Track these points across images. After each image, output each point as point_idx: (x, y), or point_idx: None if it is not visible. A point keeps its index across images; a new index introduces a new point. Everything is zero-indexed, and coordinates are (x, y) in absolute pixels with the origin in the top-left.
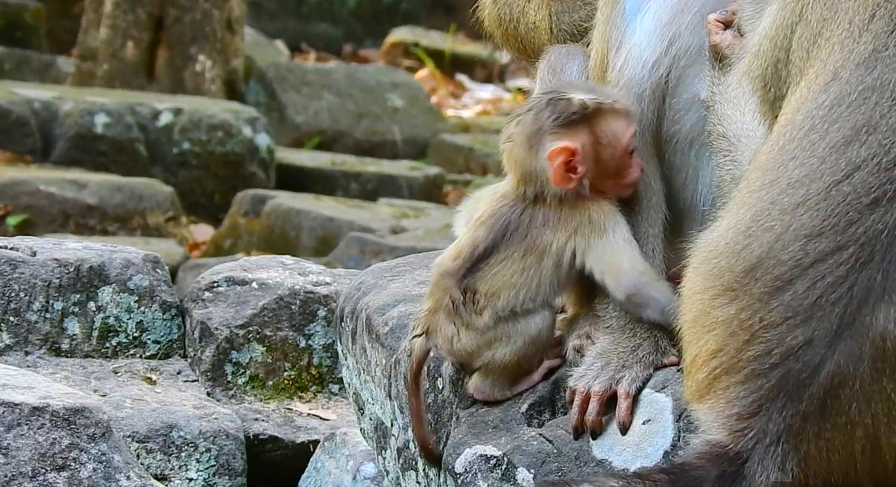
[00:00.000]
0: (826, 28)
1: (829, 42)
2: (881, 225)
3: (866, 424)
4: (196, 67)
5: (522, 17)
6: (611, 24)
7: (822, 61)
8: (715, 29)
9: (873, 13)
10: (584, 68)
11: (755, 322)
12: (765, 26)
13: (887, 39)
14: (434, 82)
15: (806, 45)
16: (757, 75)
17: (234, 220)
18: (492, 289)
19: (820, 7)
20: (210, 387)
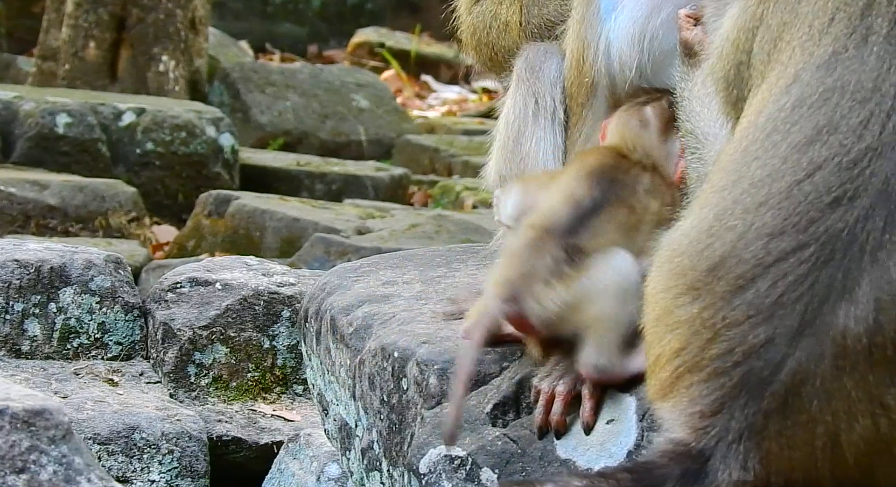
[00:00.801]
0: (786, 32)
1: (790, 45)
2: (842, 224)
3: (827, 421)
4: (159, 68)
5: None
6: (586, 23)
7: (783, 64)
8: (686, 24)
9: (832, 17)
10: (560, 67)
11: (718, 321)
12: (726, 28)
13: (846, 41)
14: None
15: (767, 48)
16: (720, 77)
17: (198, 220)
18: (596, 245)
19: (780, 11)
20: (173, 388)
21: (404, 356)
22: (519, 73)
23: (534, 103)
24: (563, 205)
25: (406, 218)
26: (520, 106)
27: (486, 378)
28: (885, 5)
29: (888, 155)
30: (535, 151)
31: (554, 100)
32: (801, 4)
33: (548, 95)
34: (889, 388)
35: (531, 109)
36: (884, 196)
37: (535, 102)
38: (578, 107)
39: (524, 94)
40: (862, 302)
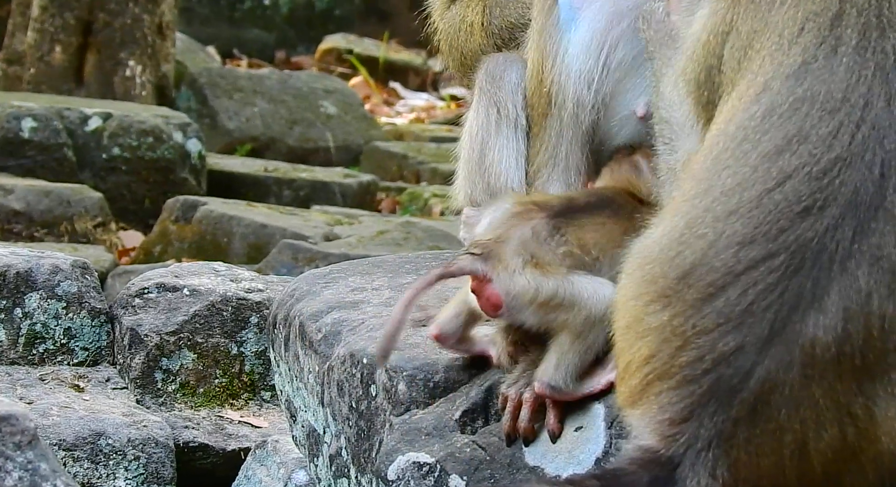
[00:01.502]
0: (756, 40)
1: (760, 54)
2: (811, 233)
3: (795, 429)
4: (126, 72)
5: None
6: (545, 33)
7: (753, 73)
8: (676, 5)
9: (802, 26)
10: (522, 76)
11: (688, 329)
12: (697, 29)
13: (816, 51)
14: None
15: (737, 55)
16: (691, 78)
17: (165, 226)
18: (583, 241)
19: (750, 19)
20: (139, 394)
21: (373, 362)
22: (480, 84)
23: (496, 113)
24: (557, 197)
25: (374, 225)
26: (482, 117)
27: (455, 385)
28: (854, 16)
29: (857, 165)
30: (499, 161)
31: (516, 107)
32: (771, 13)
33: (510, 103)
34: (857, 397)
35: (493, 119)
36: (853, 206)
37: (496, 111)
38: (540, 117)
39: (486, 104)
40: (831, 311)
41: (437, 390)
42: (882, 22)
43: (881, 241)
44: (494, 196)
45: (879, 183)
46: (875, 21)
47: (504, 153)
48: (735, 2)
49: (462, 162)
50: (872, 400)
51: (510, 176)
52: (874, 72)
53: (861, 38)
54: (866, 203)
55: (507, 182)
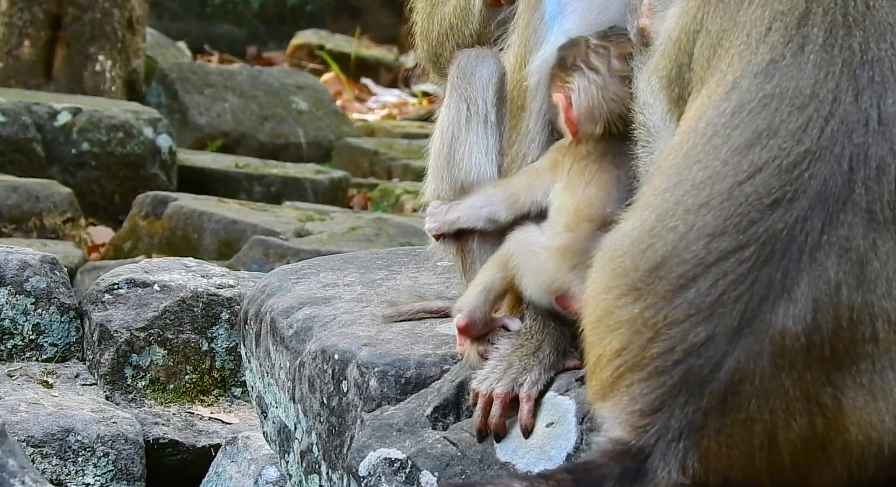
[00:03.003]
0: (725, 39)
1: (729, 53)
2: (781, 224)
3: (765, 419)
4: (95, 67)
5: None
6: (531, 28)
7: (722, 71)
8: (645, 12)
9: (769, 26)
10: (494, 71)
11: (659, 320)
12: (669, 27)
13: (784, 50)
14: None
15: (706, 54)
16: (663, 75)
17: (135, 222)
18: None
19: (720, 18)
20: (109, 391)
21: (345, 358)
22: (452, 80)
23: (466, 109)
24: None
25: (345, 221)
26: (453, 113)
27: (427, 381)
28: (820, 15)
29: (826, 158)
30: (468, 156)
31: (486, 103)
32: (739, 13)
33: (480, 99)
34: (825, 387)
35: (464, 115)
36: (822, 198)
37: (466, 107)
38: (518, 109)
39: (457, 100)
40: (800, 301)
41: (409, 386)
42: (848, 20)
43: (850, 233)
44: (462, 191)
45: (848, 176)
46: (841, 20)
47: (473, 149)
48: (705, 1)
49: (432, 157)
50: (841, 391)
51: (479, 171)
52: (842, 68)
53: (828, 37)
54: (835, 195)
55: (475, 177)
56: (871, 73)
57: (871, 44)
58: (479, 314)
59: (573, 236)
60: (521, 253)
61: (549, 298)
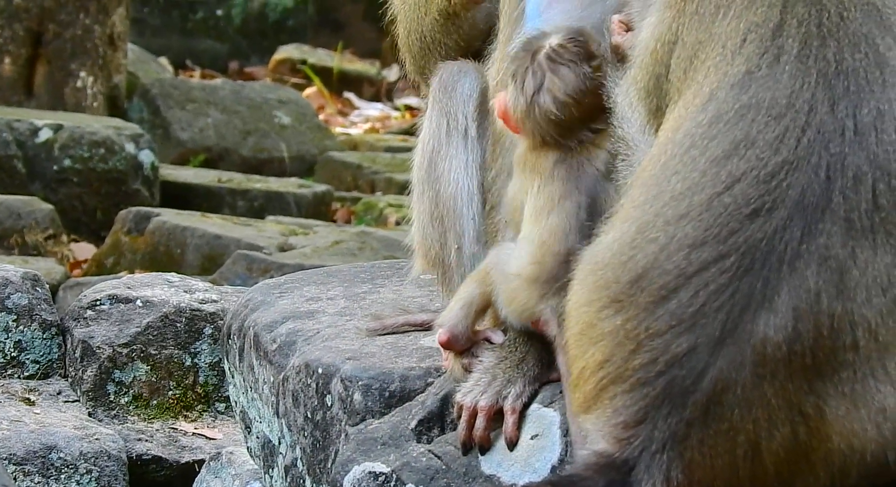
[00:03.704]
0: (701, 50)
1: (705, 64)
2: (761, 234)
3: (748, 429)
4: (77, 83)
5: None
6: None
7: (699, 83)
8: (618, 29)
9: (744, 37)
10: (475, 86)
11: (641, 332)
12: (646, 38)
13: (759, 61)
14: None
15: (683, 65)
16: (641, 87)
17: (117, 238)
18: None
19: (695, 30)
20: (91, 407)
21: (329, 372)
22: (434, 93)
23: (446, 123)
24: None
25: (329, 235)
26: (434, 127)
27: (411, 394)
28: (794, 27)
29: (804, 168)
30: (449, 170)
31: (466, 117)
32: (714, 25)
33: (460, 113)
34: (807, 396)
35: (444, 129)
36: (800, 208)
37: (447, 122)
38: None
39: (438, 114)
40: (781, 311)
41: (393, 399)
42: (822, 31)
43: (828, 242)
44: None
45: (825, 186)
46: (816, 31)
47: (453, 163)
48: (680, 12)
49: (414, 171)
50: (823, 399)
51: (459, 185)
52: (817, 79)
53: (802, 47)
54: (813, 205)
55: (455, 191)
56: (847, 83)
57: (846, 54)
58: (461, 328)
59: (539, 268)
60: (497, 274)
61: (524, 322)
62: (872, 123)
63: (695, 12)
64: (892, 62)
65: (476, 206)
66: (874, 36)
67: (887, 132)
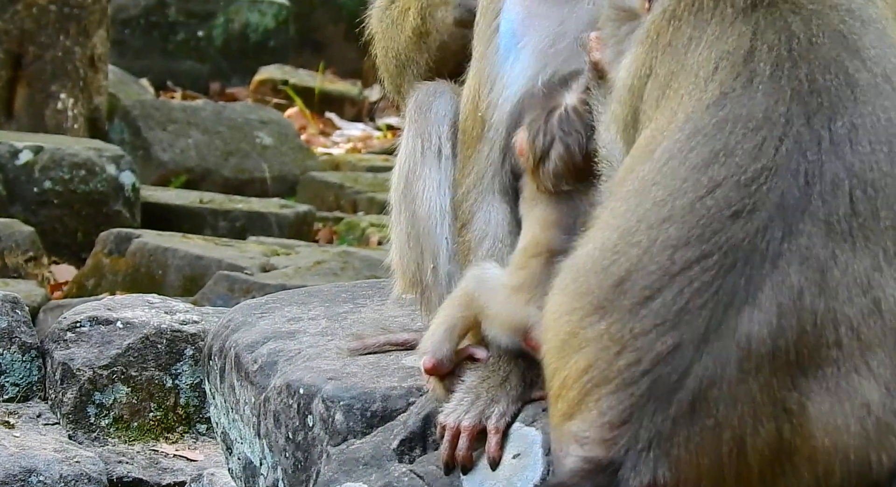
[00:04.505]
0: (674, 80)
1: (678, 93)
2: (743, 234)
3: (733, 426)
4: (57, 105)
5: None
6: (486, 60)
7: (672, 110)
8: (595, 45)
9: (716, 65)
10: (450, 106)
11: (625, 333)
12: (622, 76)
13: (733, 83)
14: (303, 120)
15: (656, 94)
16: (620, 119)
17: (98, 259)
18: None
19: (668, 62)
20: (72, 430)
21: (310, 392)
22: (409, 114)
23: (421, 144)
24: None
25: (311, 255)
26: (410, 148)
27: (393, 414)
28: (765, 52)
29: (783, 173)
30: (423, 190)
31: (440, 138)
32: (686, 56)
33: (434, 134)
34: (791, 392)
35: (419, 149)
36: (781, 209)
37: (421, 142)
38: (472, 140)
39: (413, 135)
40: (765, 307)
41: (375, 419)
42: (793, 55)
43: (809, 242)
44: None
45: (805, 190)
46: (786, 54)
47: (428, 183)
48: (653, 46)
49: (391, 192)
50: (807, 395)
51: (433, 205)
52: (791, 95)
53: (775, 69)
54: (793, 207)
55: (429, 211)
56: (820, 99)
57: (817, 75)
58: (445, 352)
59: (525, 272)
60: (483, 292)
61: (515, 338)
62: (847, 135)
63: (667, 44)
64: (862, 82)
65: (449, 226)
66: (843, 59)
67: (862, 144)
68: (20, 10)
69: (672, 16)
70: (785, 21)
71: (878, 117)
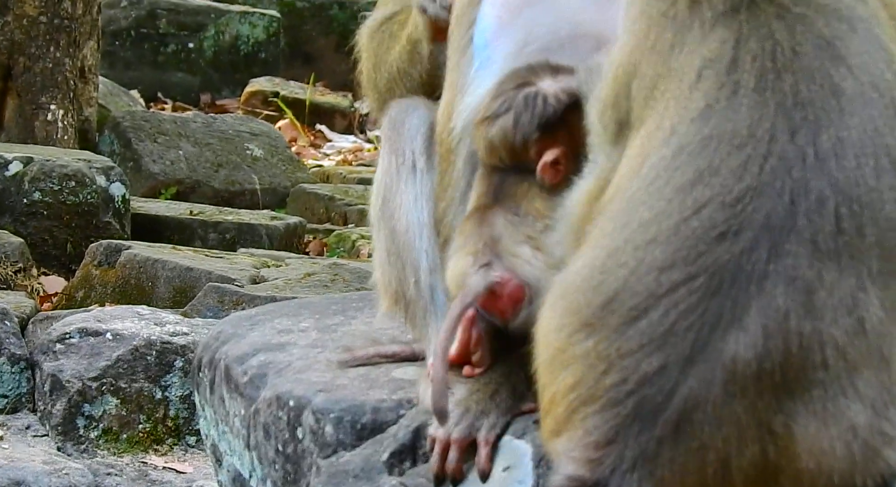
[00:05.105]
0: (660, 83)
1: (665, 96)
2: (728, 255)
3: (718, 447)
4: (47, 117)
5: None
6: (459, 71)
7: (660, 114)
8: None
9: (700, 73)
10: (424, 120)
11: (612, 353)
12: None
13: (717, 94)
14: (294, 132)
15: (644, 94)
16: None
17: (88, 271)
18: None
19: (653, 64)
20: (61, 442)
21: (300, 404)
22: (384, 131)
23: (395, 160)
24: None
25: (301, 267)
26: (386, 164)
27: (383, 426)
28: (749, 62)
29: (768, 193)
30: (399, 206)
31: (413, 152)
32: (670, 59)
33: (408, 149)
34: (776, 414)
35: (394, 165)
36: (766, 230)
37: (395, 158)
38: (447, 152)
39: (388, 151)
40: (750, 329)
41: (365, 431)
42: (777, 65)
43: (795, 262)
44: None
45: (790, 209)
46: (770, 65)
47: (404, 198)
48: (639, 44)
49: (371, 209)
50: (792, 418)
51: (411, 220)
52: (775, 110)
53: (759, 81)
54: (779, 227)
55: (407, 225)
56: (804, 113)
57: (802, 86)
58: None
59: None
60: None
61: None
62: (832, 150)
63: (652, 47)
64: (848, 92)
65: (427, 238)
66: (828, 67)
67: (847, 159)
68: (10, 22)
69: (650, 22)
70: (769, 28)
71: (865, 129)
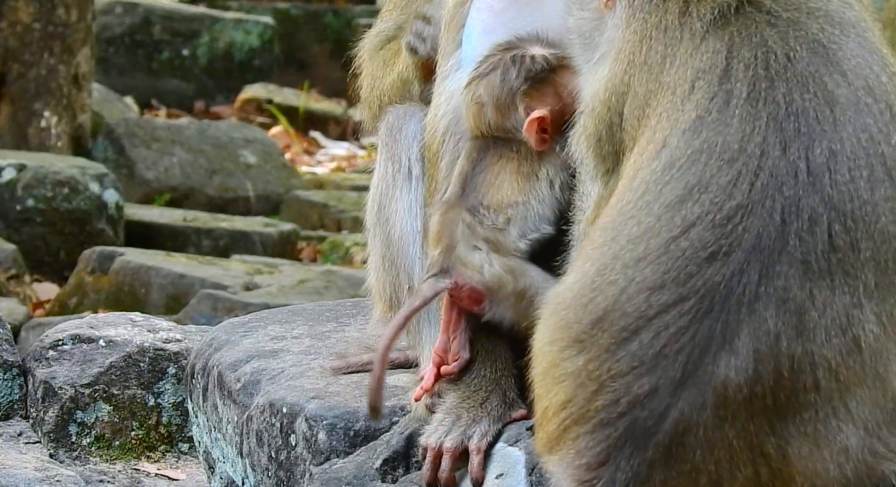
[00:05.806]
0: (653, 99)
1: (657, 111)
2: (718, 277)
3: (710, 470)
4: (41, 123)
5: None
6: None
7: (652, 129)
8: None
9: (693, 84)
10: (419, 128)
11: (603, 373)
12: (597, 90)
13: (709, 105)
14: (288, 139)
15: (637, 114)
16: (591, 132)
17: (81, 278)
18: (499, 200)
19: (645, 81)
20: (53, 449)
21: (293, 411)
22: (381, 138)
23: (391, 166)
24: (455, 179)
25: (295, 274)
26: (382, 171)
27: (376, 434)
28: (741, 70)
29: (758, 212)
30: (395, 212)
31: (410, 159)
32: (662, 74)
33: (404, 155)
34: (769, 437)
35: (391, 172)
36: (757, 250)
37: (392, 164)
38: (434, 156)
39: (385, 158)
40: (741, 353)
41: (358, 438)
42: (770, 73)
43: (786, 284)
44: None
45: (781, 229)
46: (763, 73)
47: (399, 205)
48: (630, 64)
49: (366, 216)
50: (785, 440)
51: (405, 226)
52: (767, 121)
53: (751, 90)
54: (770, 248)
55: (402, 232)
56: (797, 124)
57: (795, 95)
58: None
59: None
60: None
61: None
62: (825, 164)
63: (643, 63)
64: (842, 100)
65: (421, 245)
66: (822, 74)
67: (840, 172)
68: (4, 28)
69: (643, 36)
70: (761, 35)
71: (859, 138)
